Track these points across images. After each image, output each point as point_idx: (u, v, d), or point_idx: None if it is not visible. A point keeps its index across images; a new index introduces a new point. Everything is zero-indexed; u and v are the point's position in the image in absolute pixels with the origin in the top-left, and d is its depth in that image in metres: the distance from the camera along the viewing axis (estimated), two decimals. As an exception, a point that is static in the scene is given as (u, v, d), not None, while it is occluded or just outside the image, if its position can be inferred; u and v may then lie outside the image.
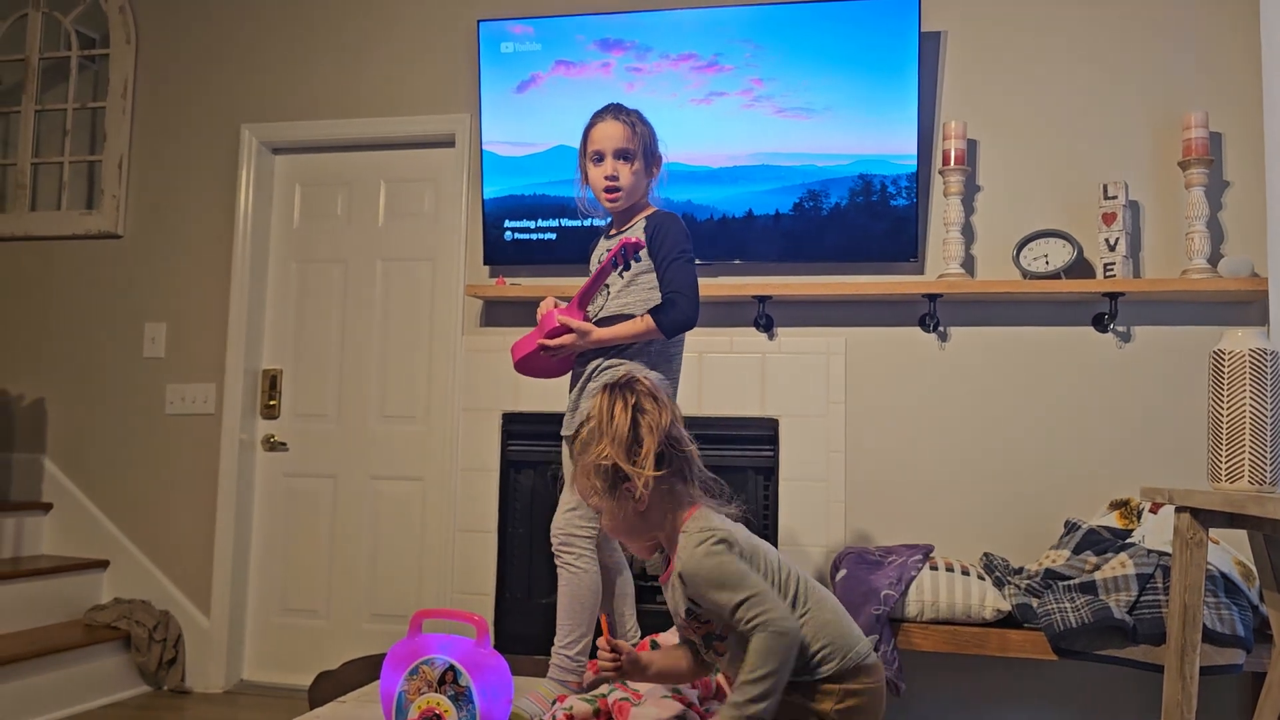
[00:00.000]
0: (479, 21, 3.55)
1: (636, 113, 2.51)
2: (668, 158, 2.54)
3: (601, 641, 1.82)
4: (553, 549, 2.41)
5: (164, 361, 3.89)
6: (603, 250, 2.53)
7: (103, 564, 3.82)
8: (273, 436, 3.86)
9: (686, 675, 1.90)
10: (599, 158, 2.45)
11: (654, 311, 2.35)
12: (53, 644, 3.31)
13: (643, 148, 2.47)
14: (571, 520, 2.39)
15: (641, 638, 2.49)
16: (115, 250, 3.99)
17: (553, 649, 2.37)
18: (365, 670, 2.79)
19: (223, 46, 3.96)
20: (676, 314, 2.34)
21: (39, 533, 3.89)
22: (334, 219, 3.90)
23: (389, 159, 3.82)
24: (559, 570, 2.39)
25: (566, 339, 2.36)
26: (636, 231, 2.44)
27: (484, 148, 3.55)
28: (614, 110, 2.49)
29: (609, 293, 2.43)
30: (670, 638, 2.22)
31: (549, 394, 3.25)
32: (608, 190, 2.45)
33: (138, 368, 3.91)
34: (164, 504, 3.84)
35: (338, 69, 3.85)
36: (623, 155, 2.44)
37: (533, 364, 2.49)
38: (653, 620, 2.87)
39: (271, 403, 3.86)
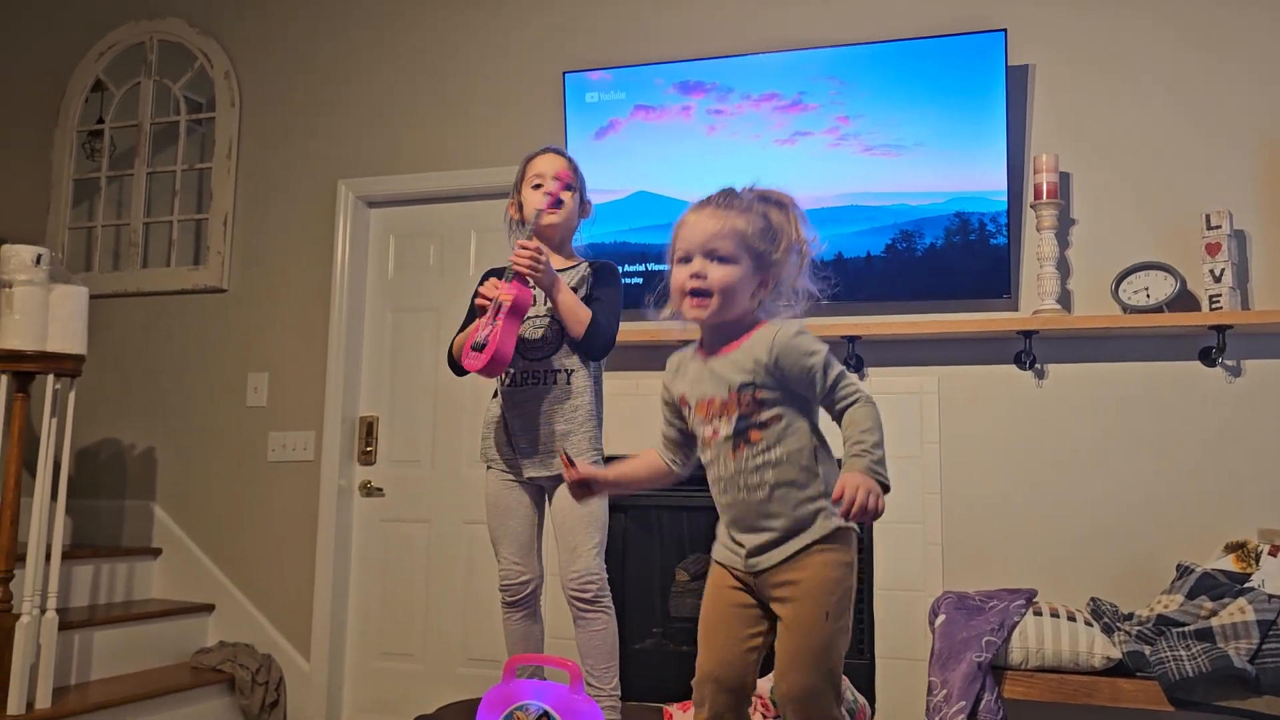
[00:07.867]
0: (564, 73, 3.63)
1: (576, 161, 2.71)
2: None
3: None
4: (583, 599, 2.40)
5: (266, 410, 4.02)
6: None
7: (208, 608, 3.93)
8: (369, 482, 3.94)
9: (646, 480, 1.96)
10: (539, 184, 2.58)
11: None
12: (161, 686, 3.42)
13: (581, 186, 2.65)
14: (596, 565, 2.43)
15: None
16: (220, 304, 4.15)
17: (602, 692, 2.38)
18: (461, 715, 2.81)
19: (320, 107, 4.12)
20: (600, 329, 2.49)
21: (149, 577, 4.03)
22: (427, 269, 4.00)
23: (480, 209, 3.89)
24: (591, 616, 2.41)
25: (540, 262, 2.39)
26: (576, 274, 2.59)
27: (570, 196, 3.61)
28: (556, 149, 2.68)
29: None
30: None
31: (643, 436, 3.24)
32: (550, 208, 2.55)
33: (241, 416, 4.05)
34: (266, 549, 3.94)
35: (429, 124, 3.96)
36: (565, 185, 2.59)
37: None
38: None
39: (368, 449, 3.95)
